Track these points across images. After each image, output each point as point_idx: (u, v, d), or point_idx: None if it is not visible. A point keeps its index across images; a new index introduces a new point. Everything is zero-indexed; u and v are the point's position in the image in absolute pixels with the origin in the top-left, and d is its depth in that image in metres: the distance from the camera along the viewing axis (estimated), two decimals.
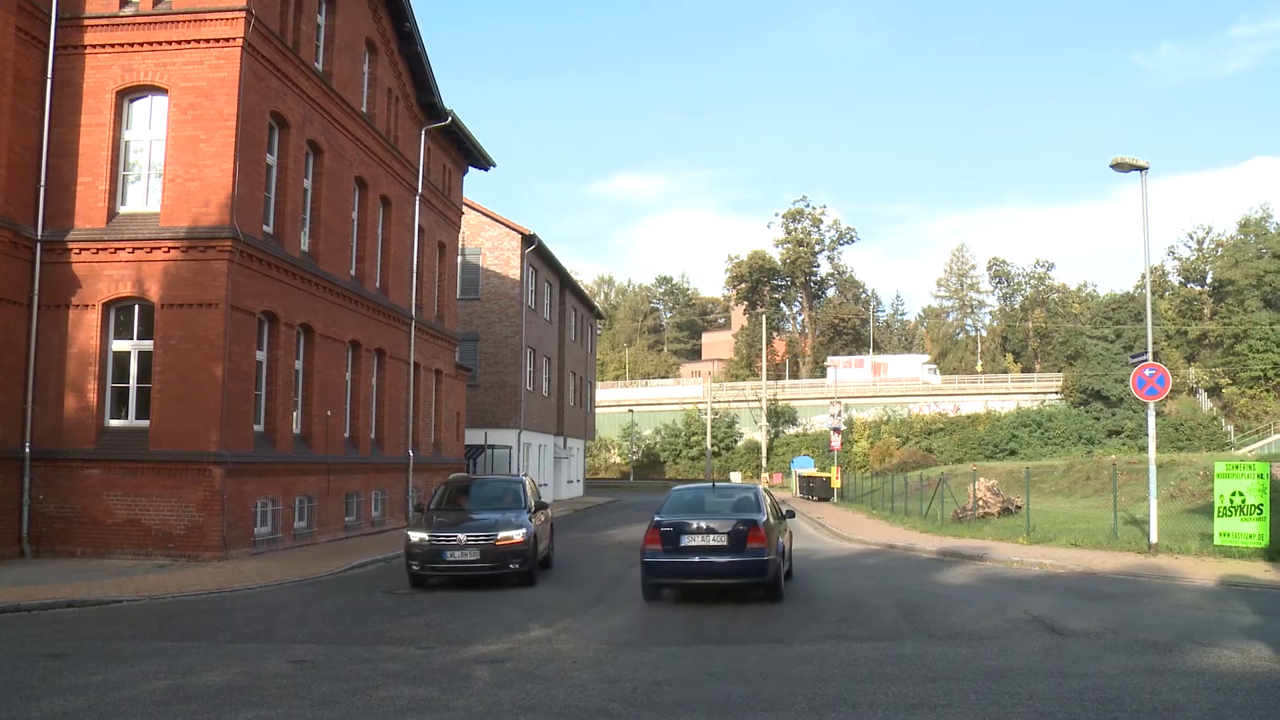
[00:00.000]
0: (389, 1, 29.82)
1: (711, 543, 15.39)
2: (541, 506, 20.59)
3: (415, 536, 17.74)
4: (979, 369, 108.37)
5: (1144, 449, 33.68)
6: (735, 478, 75.59)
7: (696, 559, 15.43)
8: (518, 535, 17.82)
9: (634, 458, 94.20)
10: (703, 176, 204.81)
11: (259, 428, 23.23)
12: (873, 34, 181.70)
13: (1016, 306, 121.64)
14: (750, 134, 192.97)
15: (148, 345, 21.51)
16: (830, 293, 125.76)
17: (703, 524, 15.58)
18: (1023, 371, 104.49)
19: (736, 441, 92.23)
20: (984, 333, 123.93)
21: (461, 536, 17.64)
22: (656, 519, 15.83)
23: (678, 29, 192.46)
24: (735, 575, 15.49)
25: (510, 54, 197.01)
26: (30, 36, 21.21)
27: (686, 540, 15.43)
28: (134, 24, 21.86)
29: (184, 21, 21.68)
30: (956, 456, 76.27)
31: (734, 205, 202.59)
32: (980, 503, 31.90)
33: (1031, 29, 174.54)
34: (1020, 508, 30.70)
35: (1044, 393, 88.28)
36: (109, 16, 21.91)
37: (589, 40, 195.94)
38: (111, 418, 21.61)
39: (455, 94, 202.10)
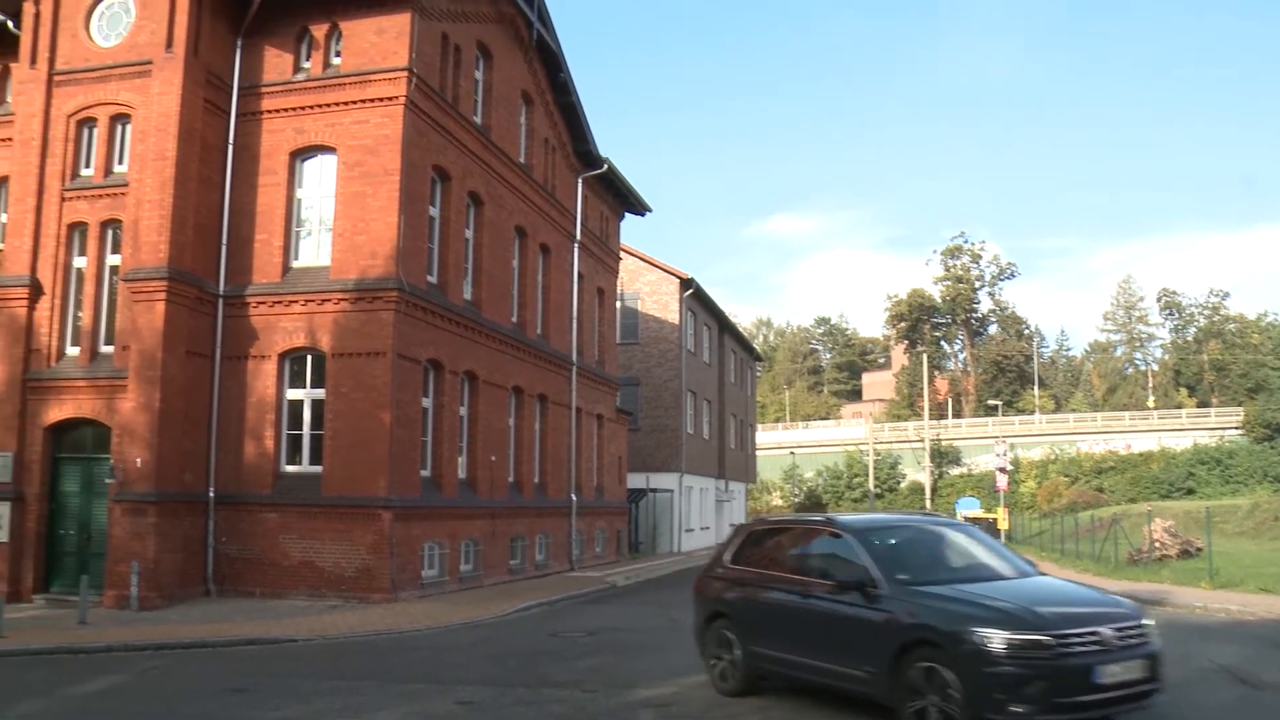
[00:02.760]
0: (544, 54, 30.55)
1: None
2: None
3: (1011, 638, 8.95)
4: (1151, 404, 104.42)
5: None
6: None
7: None
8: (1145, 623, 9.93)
9: (796, 500, 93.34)
10: (858, 215, 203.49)
11: (426, 473, 23.83)
12: (1027, 61, 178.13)
13: (1190, 339, 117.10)
14: (905, 169, 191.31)
15: (320, 394, 22.34)
16: (992, 329, 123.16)
17: None
18: (1198, 406, 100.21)
19: (899, 482, 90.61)
20: (1155, 367, 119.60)
21: (1106, 632, 9.25)
22: None
23: (826, 67, 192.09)
24: None
25: (662, 98, 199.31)
26: (215, 106, 22.55)
27: None
28: (306, 88, 22.94)
29: (351, 83, 22.64)
30: (1129, 496, 73.35)
31: (891, 243, 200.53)
32: (1157, 544, 30.65)
33: (1199, 47, 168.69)
34: (1201, 550, 29.36)
35: (1223, 428, 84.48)
36: (284, 83, 23.04)
37: (739, 85, 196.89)
38: (287, 463, 22.47)
39: (609, 140, 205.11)
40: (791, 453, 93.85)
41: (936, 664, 9.11)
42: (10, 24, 23.34)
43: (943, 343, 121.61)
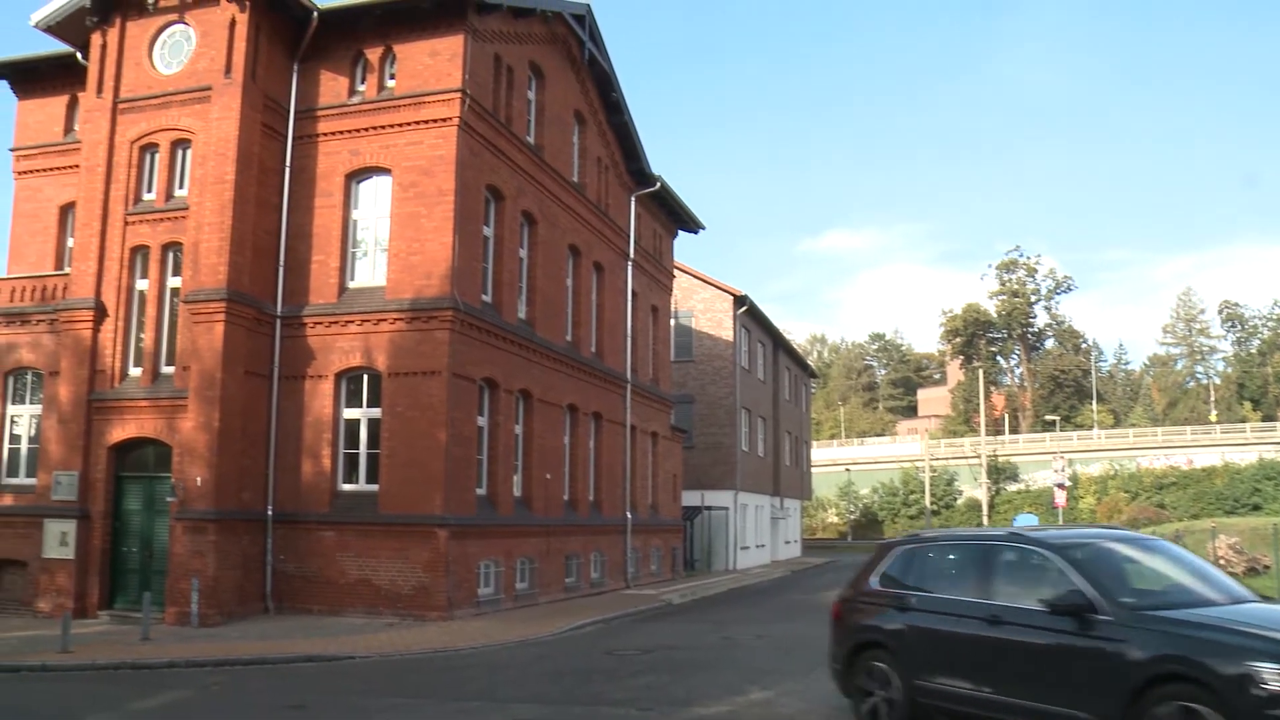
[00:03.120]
0: (596, 73, 30.73)
1: None
2: None
3: None
4: (1213, 418, 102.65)
5: None
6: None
7: None
8: None
9: (851, 517, 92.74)
10: (913, 229, 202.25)
11: (481, 491, 23.97)
12: (1085, 72, 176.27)
13: (1253, 351, 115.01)
14: (960, 183, 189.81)
15: (376, 413, 22.55)
16: (1049, 344, 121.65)
17: None
18: (1263, 420, 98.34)
19: (956, 499, 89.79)
20: (1217, 380, 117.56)
21: None
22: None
23: (880, 80, 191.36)
24: None
25: (715, 114, 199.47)
26: (272, 130, 22.97)
27: None
28: (361, 111, 23.25)
29: (405, 105, 22.92)
30: (1192, 512, 72.09)
31: (945, 257, 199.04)
32: (1222, 561, 30.12)
33: (1259, 56, 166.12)
34: (1269, 567, 28.83)
35: None
36: (339, 106, 23.38)
37: (793, 99, 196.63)
38: (344, 482, 22.69)
39: (662, 157, 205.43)
40: (847, 469, 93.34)
41: (1197, 704, 7.77)
42: (79, 55, 24.04)
43: (999, 358, 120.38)
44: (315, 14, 22.82)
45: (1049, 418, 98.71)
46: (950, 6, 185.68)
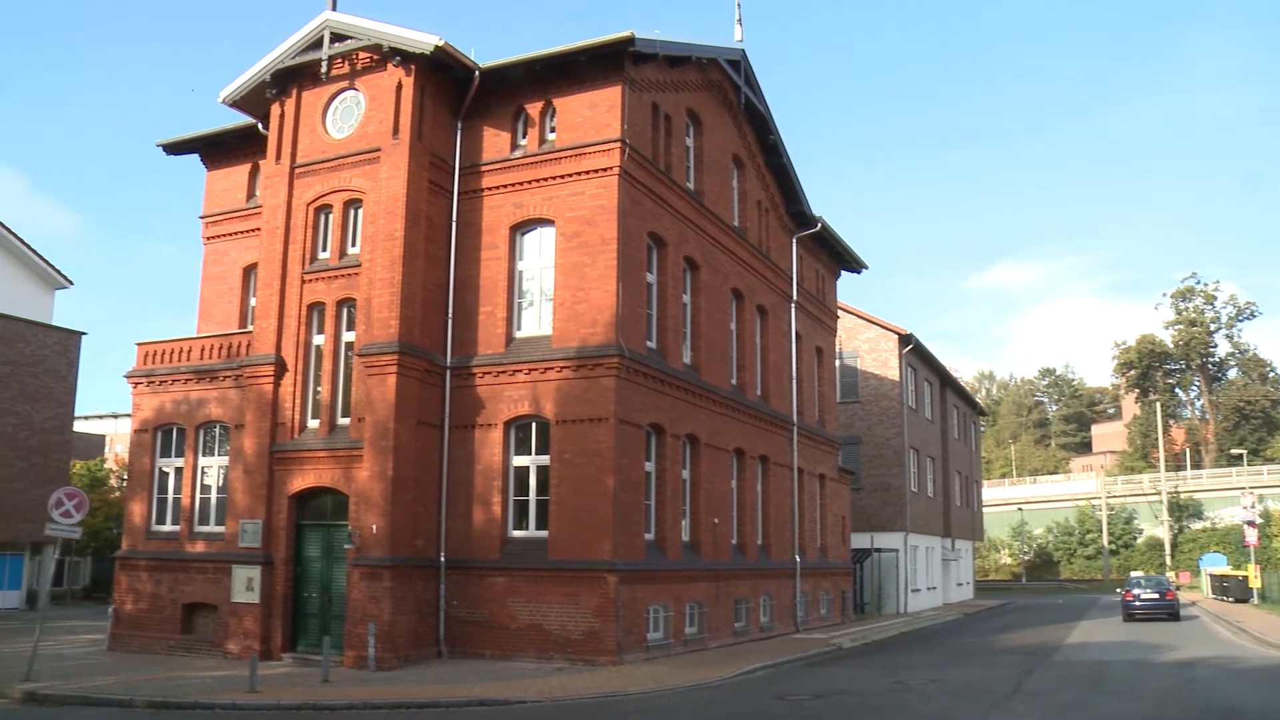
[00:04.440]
0: (752, 117, 30.83)
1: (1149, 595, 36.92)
2: None
3: None
4: None
5: None
6: (1171, 576, 69.93)
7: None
8: None
9: (1025, 558, 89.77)
10: (1081, 261, 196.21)
11: (649, 536, 24.05)
12: (1255, 90, 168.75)
13: None
14: (1129, 211, 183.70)
15: (544, 460, 22.88)
16: (1231, 374, 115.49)
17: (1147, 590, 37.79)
18: None
19: (1136, 538, 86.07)
20: None
21: None
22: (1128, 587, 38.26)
23: (1043, 111, 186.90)
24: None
25: (875, 152, 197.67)
26: (438, 187, 23.76)
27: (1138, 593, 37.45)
28: (523, 164, 23.84)
29: (566, 157, 23.39)
30: None
31: (1116, 288, 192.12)
32: None
33: None
34: None
35: None
36: (502, 160, 24.01)
37: (953, 134, 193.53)
38: (514, 528, 23.06)
39: (822, 197, 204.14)
40: (1019, 509, 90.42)
41: None
42: (260, 126, 25.44)
43: (1177, 390, 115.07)
44: (477, 73, 23.56)
45: (1235, 451, 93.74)
46: (1114, 31, 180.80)
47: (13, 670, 19.97)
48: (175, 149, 28.58)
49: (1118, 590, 52.94)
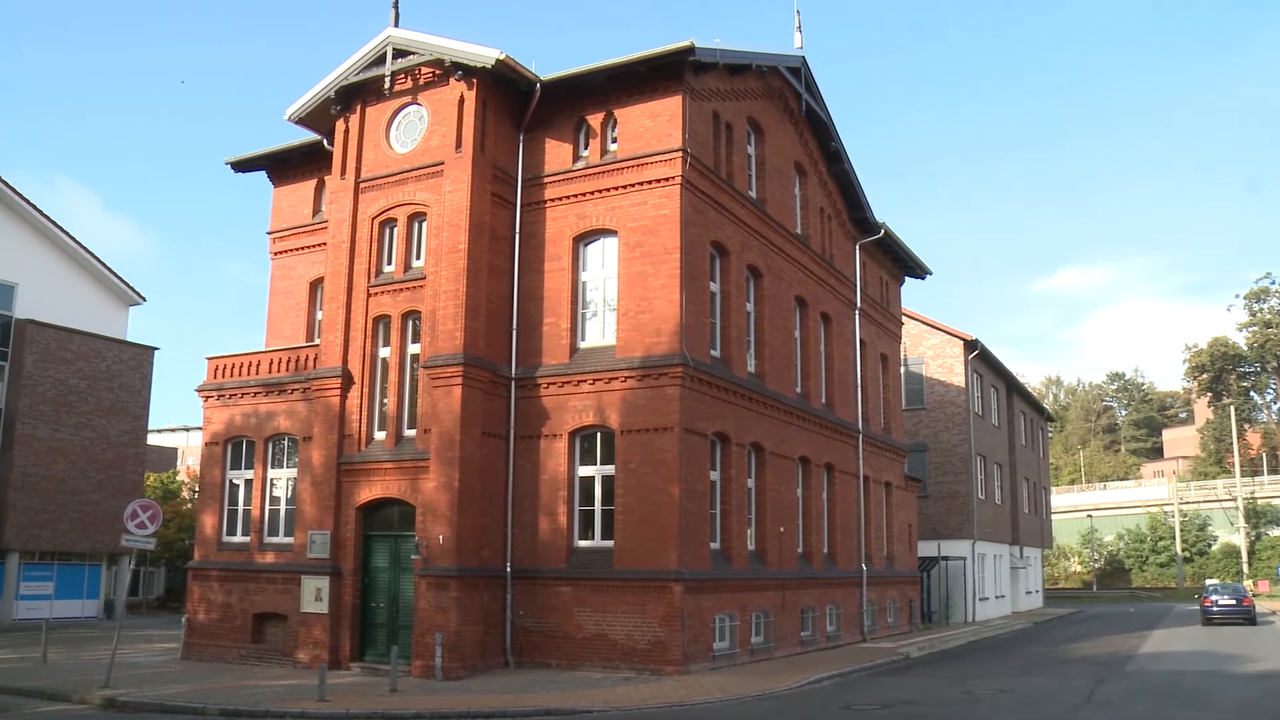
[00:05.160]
0: (814, 124, 30.71)
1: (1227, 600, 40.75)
2: None
3: None
4: None
5: None
6: (1248, 584, 68.62)
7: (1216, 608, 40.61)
8: None
9: (1095, 565, 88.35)
10: (1150, 262, 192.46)
11: (715, 545, 23.99)
12: None
13: None
14: (1198, 211, 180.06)
15: (610, 470, 22.92)
16: None
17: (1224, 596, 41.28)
18: None
19: (1210, 545, 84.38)
20: None
21: None
22: (1206, 593, 42.18)
23: (1106, 112, 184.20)
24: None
25: (938, 156, 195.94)
26: (501, 199, 23.96)
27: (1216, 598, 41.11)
28: (585, 175, 23.93)
29: (628, 167, 23.45)
30: None
31: (1186, 290, 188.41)
32: None
33: None
34: None
35: None
36: (564, 172, 24.13)
37: (1017, 138, 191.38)
38: (579, 538, 23.10)
39: (885, 202, 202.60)
40: (1089, 516, 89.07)
41: None
42: (325, 142, 25.85)
43: (1252, 393, 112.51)
44: (538, 85, 23.70)
45: None
46: (1182, 27, 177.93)
47: (93, 677, 20.53)
48: (243, 166, 29.09)
49: (1197, 595, 52.35)
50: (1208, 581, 51.13)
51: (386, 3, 24.79)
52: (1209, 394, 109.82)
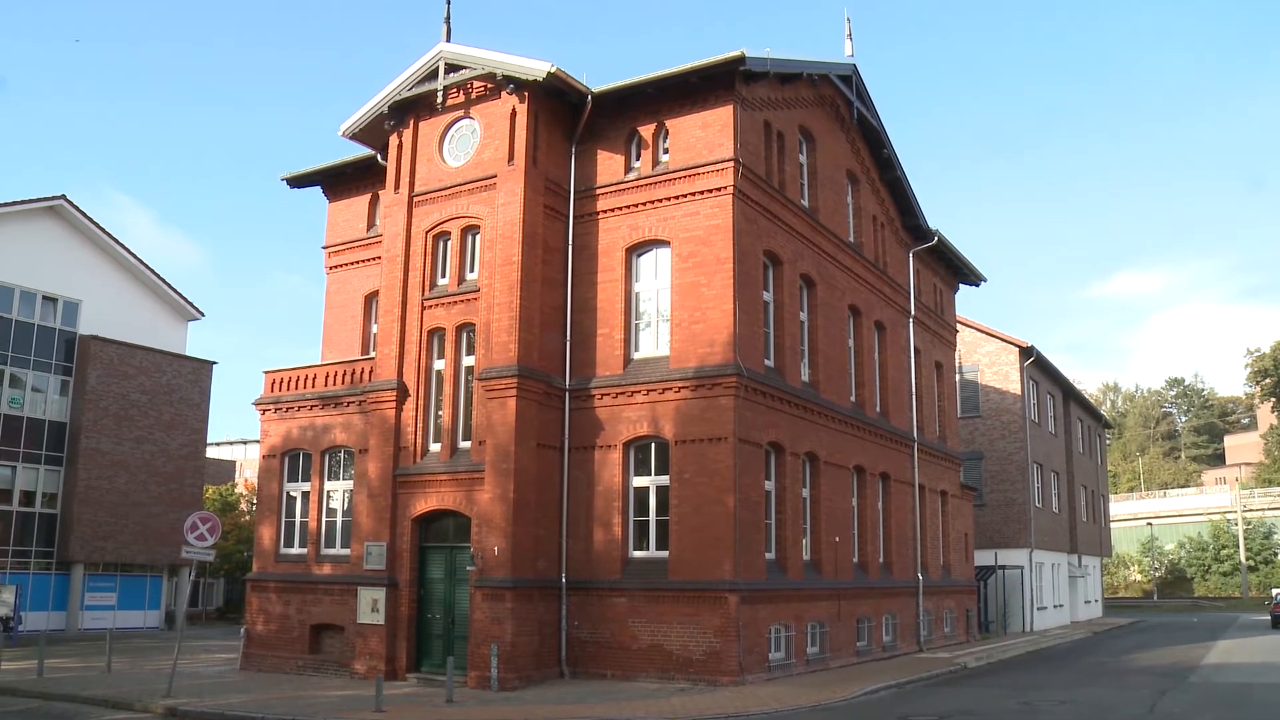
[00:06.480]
0: (866, 131, 30.59)
1: None
2: None
3: None
4: None
5: None
6: None
7: None
8: None
9: (1155, 574, 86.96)
10: (1209, 265, 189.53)
11: (770, 555, 23.91)
12: None
13: None
14: (1258, 211, 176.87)
15: (664, 480, 22.90)
16: None
17: None
18: None
19: (1276, 554, 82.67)
20: None
21: None
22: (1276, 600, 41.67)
23: (1162, 114, 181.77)
24: None
25: (992, 162, 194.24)
26: (554, 211, 24.06)
27: None
28: (637, 186, 23.97)
29: (680, 178, 23.46)
30: None
31: (1246, 292, 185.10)
32: None
33: None
34: None
35: None
36: (616, 183, 24.20)
37: (1072, 142, 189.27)
38: (634, 549, 23.09)
39: (938, 209, 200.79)
40: (1149, 524, 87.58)
41: None
42: (379, 157, 26.09)
43: None
44: (589, 97, 23.80)
45: None
46: (1237, 25, 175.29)
47: (154, 687, 20.86)
48: (298, 182, 29.43)
49: (1268, 603, 51.71)
50: (1274, 590, 50.32)
51: (437, 17, 25.04)
52: (1272, 399, 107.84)
